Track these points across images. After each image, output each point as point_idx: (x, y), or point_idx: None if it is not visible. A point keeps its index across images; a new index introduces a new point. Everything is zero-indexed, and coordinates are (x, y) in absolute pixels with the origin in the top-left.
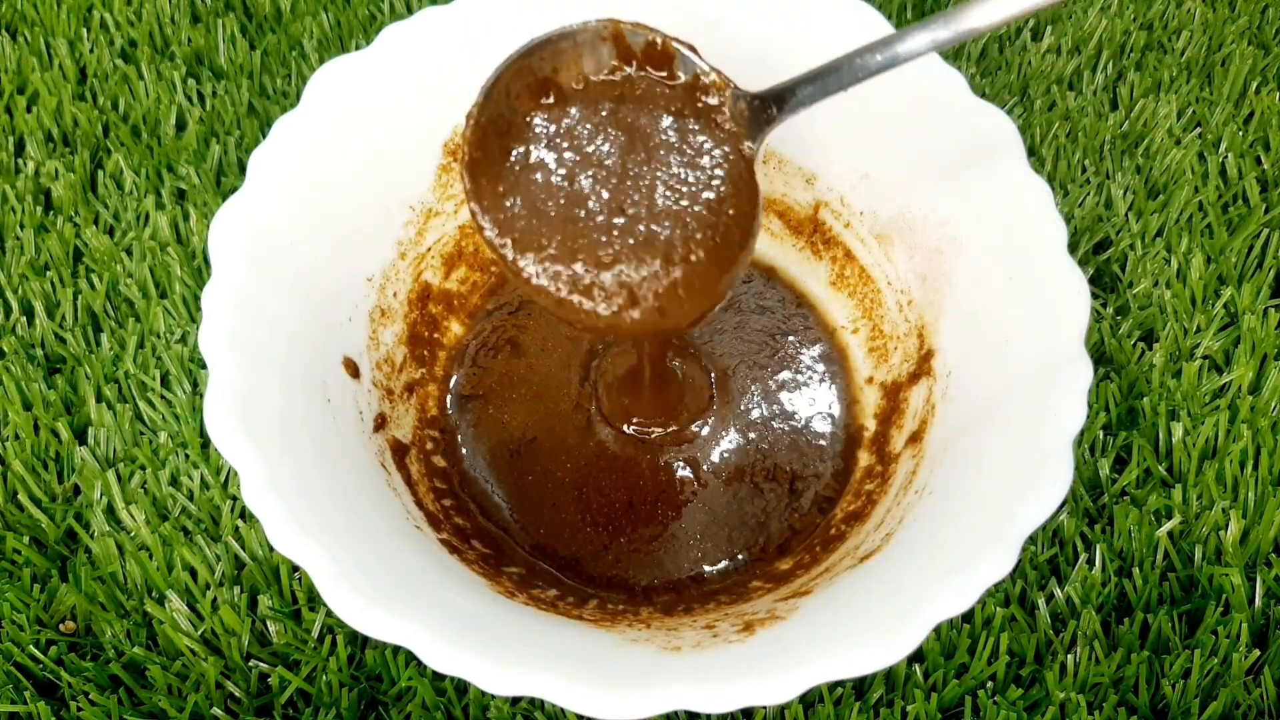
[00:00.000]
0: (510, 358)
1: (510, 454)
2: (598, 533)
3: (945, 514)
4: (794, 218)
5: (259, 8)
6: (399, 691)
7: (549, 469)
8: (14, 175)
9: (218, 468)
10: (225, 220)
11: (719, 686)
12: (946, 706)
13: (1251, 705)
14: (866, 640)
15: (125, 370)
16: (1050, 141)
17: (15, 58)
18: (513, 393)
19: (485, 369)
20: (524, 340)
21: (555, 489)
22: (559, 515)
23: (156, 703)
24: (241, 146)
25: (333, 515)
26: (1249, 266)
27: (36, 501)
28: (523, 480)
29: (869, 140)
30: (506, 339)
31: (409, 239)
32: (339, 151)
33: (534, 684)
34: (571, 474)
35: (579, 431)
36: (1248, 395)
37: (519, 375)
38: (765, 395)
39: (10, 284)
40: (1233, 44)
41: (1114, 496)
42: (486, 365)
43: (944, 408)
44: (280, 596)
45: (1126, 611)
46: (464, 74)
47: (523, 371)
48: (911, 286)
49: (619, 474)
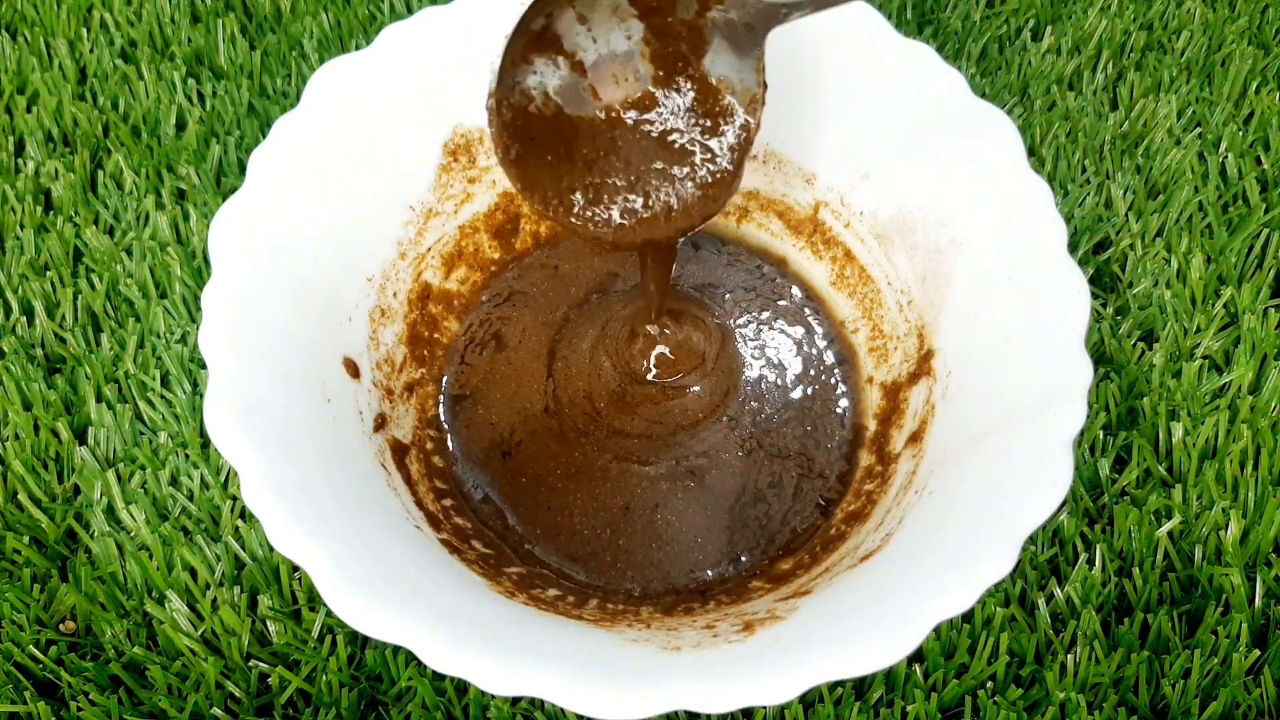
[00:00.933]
0: (494, 353)
1: (502, 454)
2: (596, 534)
3: (945, 514)
4: (794, 218)
5: (259, 8)
6: (399, 691)
7: (545, 468)
8: (14, 175)
9: (218, 468)
10: (225, 220)
11: (719, 686)
12: (946, 706)
13: (1251, 705)
14: (866, 640)
15: (125, 370)
16: (1050, 141)
17: (15, 58)
18: (497, 391)
19: (472, 366)
20: (506, 332)
21: (551, 489)
22: (556, 516)
23: (156, 703)
24: (241, 146)
25: (333, 515)
26: (1249, 266)
27: (36, 501)
28: (517, 480)
29: (869, 140)
30: (492, 333)
31: (409, 239)
32: (339, 151)
33: (534, 684)
34: (567, 474)
35: (575, 430)
36: (1248, 395)
37: (502, 372)
38: (771, 392)
39: (10, 284)
40: (1233, 44)
41: (1114, 496)
42: (473, 362)
43: (944, 408)
44: (280, 596)
45: (1126, 611)
46: (464, 74)
47: (504, 368)
48: (911, 286)
49: (619, 472)
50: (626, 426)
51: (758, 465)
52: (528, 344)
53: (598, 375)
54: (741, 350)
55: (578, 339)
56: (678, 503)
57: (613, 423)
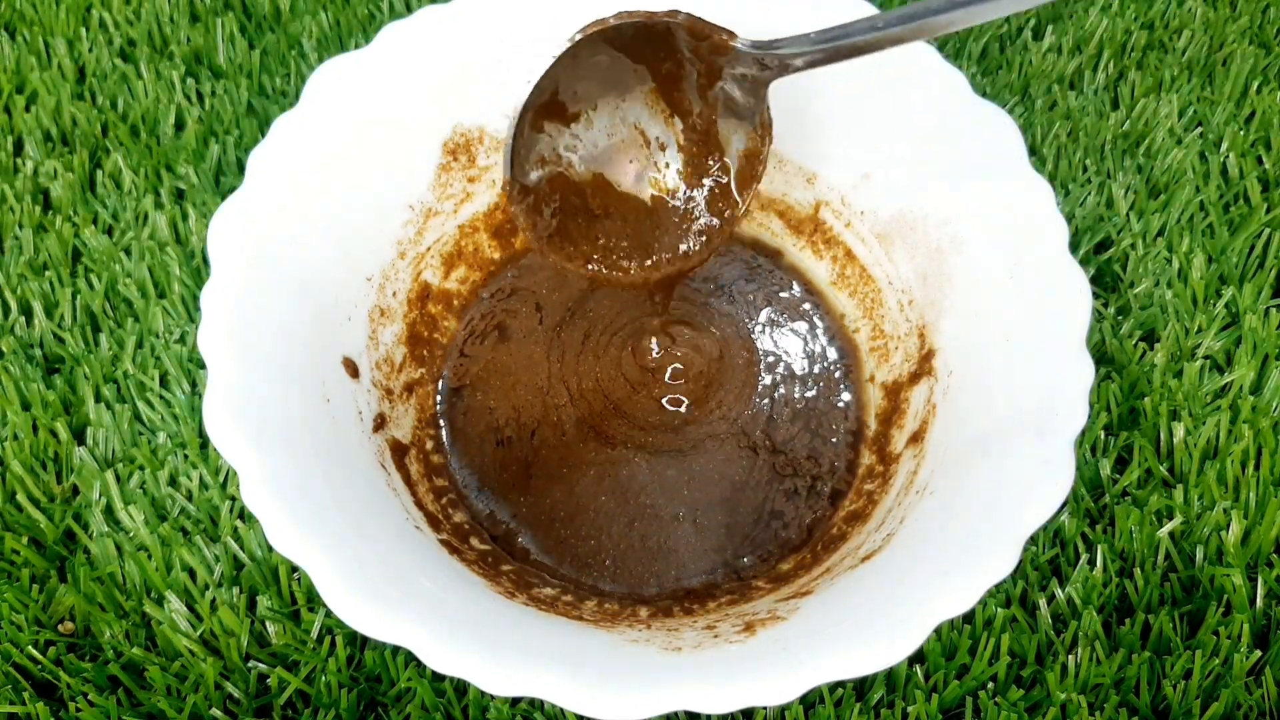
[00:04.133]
0: (495, 346)
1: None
2: (596, 534)
3: (946, 514)
4: (794, 217)
5: (258, 7)
6: (399, 692)
7: (545, 467)
8: (13, 175)
9: (216, 468)
10: (224, 220)
11: (719, 687)
12: (947, 707)
13: (1253, 706)
14: (867, 641)
15: (124, 370)
16: (1051, 141)
17: (14, 57)
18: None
19: (471, 358)
20: (508, 325)
21: (550, 487)
22: (555, 514)
23: (155, 703)
24: (240, 146)
25: (332, 515)
26: (1250, 266)
27: (35, 502)
28: (516, 480)
29: (869, 140)
30: (494, 325)
31: (408, 238)
32: (338, 151)
33: (534, 684)
34: (567, 473)
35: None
36: (1249, 395)
37: (502, 366)
38: (773, 390)
39: (9, 284)
40: (1234, 43)
41: (1115, 497)
42: (473, 354)
43: (945, 408)
44: (279, 597)
45: (1128, 612)
46: (464, 73)
47: (504, 361)
48: (912, 286)
49: (617, 469)
50: (628, 423)
51: (759, 464)
52: (528, 340)
53: (600, 372)
54: (742, 349)
55: (579, 336)
56: (678, 501)
57: (614, 419)
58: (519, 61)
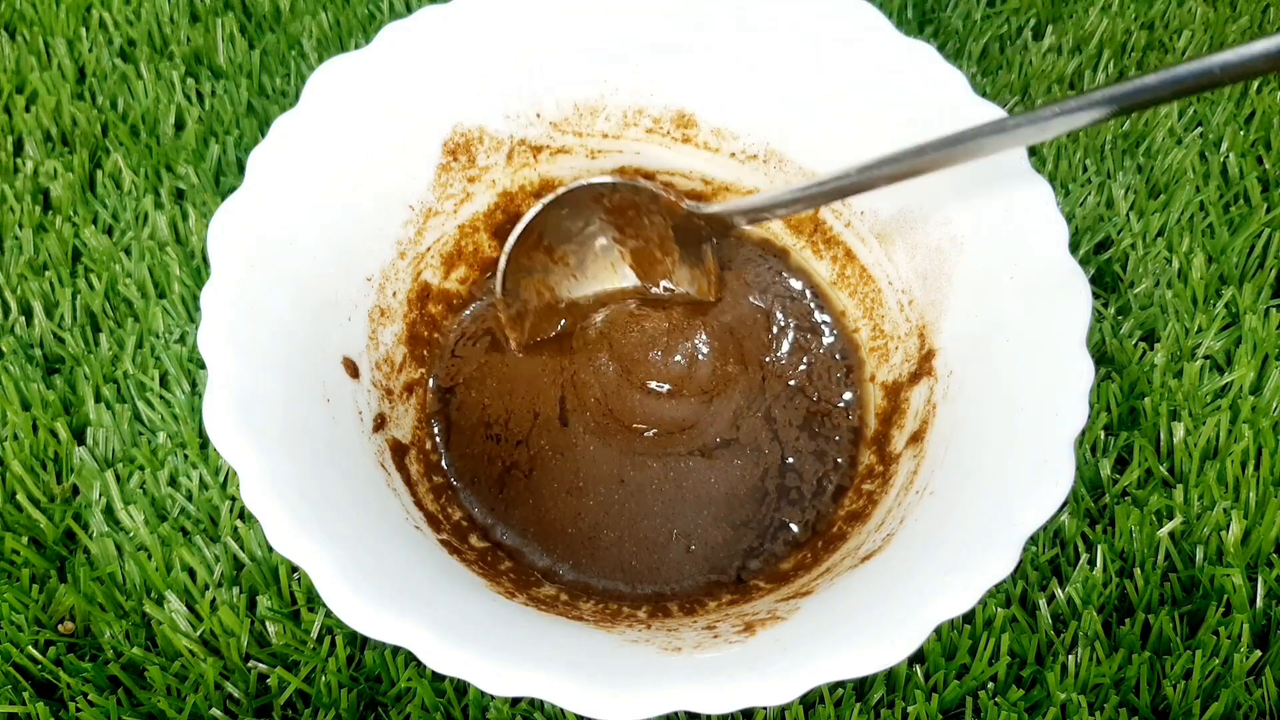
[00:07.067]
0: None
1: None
2: (595, 534)
3: (946, 514)
4: (794, 217)
5: (258, 7)
6: (399, 692)
7: (545, 466)
8: (13, 175)
9: (216, 468)
10: (224, 220)
11: (719, 687)
12: (947, 707)
13: (1253, 706)
14: (867, 641)
15: (124, 370)
16: (1051, 141)
17: (14, 57)
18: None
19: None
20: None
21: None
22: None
23: (155, 703)
24: (240, 146)
25: (332, 515)
26: (1250, 266)
27: (35, 502)
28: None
29: (870, 140)
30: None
31: (408, 238)
32: (338, 151)
33: (534, 684)
34: (567, 472)
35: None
36: (1249, 395)
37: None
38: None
39: (9, 284)
40: (1234, 43)
41: (1115, 497)
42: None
43: (945, 408)
44: (279, 597)
45: (1128, 612)
46: (464, 74)
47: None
48: (912, 286)
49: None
50: (628, 423)
51: (759, 463)
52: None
53: (600, 372)
54: (743, 346)
55: (579, 336)
56: (677, 501)
57: (614, 418)
58: (519, 61)
